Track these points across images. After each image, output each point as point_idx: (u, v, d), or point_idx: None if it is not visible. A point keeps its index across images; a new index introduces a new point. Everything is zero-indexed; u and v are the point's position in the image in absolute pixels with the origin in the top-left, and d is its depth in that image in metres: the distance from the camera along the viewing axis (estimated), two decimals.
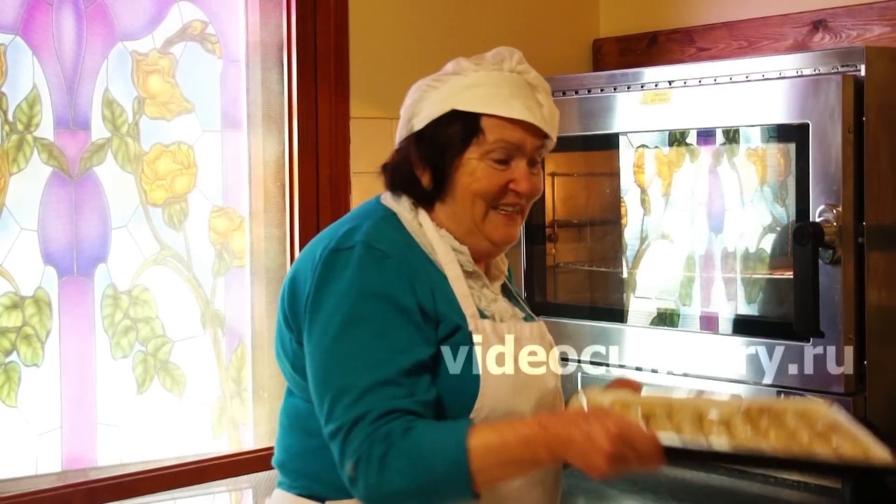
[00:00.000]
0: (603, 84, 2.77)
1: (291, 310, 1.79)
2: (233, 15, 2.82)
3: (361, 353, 1.66)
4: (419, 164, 1.82)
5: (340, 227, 1.80)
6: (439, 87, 1.83)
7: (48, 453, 2.55)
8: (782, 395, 2.36)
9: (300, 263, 1.81)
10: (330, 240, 1.76)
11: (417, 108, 1.83)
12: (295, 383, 1.83)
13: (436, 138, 1.81)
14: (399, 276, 1.71)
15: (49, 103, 2.54)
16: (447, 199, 1.82)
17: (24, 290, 2.52)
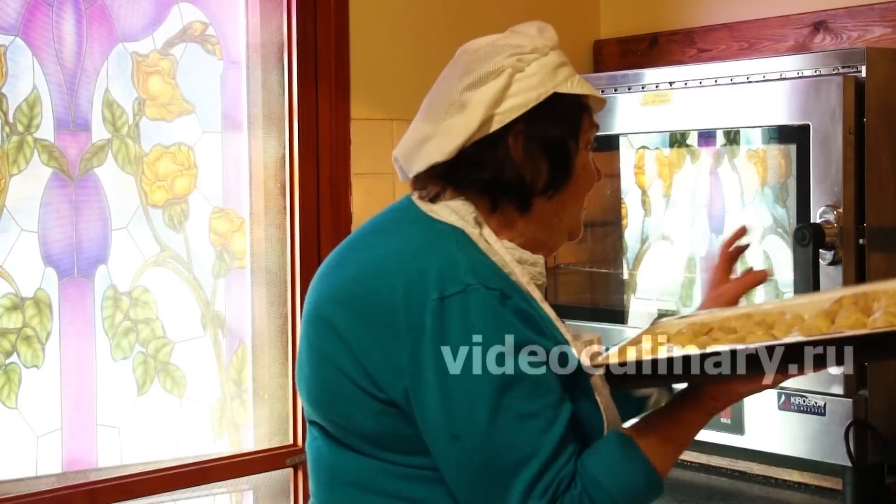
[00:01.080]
0: (603, 85, 2.77)
1: (374, 367, 1.50)
2: (233, 16, 2.82)
3: (526, 422, 1.44)
4: (527, 160, 1.57)
5: (417, 260, 1.51)
6: (527, 69, 1.59)
7: (48, 454, 2.55)
8: (782, 398, 2.36)
9: (367, 308, 1.51)
10: (414, 281, 1.48)
11: (505, 94, 1.57)
12: (364, 443, 1.55)
13: (549, 128, 1.58)
14: (523, 316, 1.50)
15: (49, 104, 2.54)
16: (544, 203, 1.60)
17: (24, 292, 2.52)
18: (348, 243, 1.68)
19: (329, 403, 1.58)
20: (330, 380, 1.56)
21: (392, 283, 1.50)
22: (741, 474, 2.58)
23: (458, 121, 1.56)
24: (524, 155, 1.57)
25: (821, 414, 2.29)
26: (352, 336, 1.52)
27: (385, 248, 1.57)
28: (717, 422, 2.45)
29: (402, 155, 1.64)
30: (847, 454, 2.25)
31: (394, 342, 1.48)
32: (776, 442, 2.38)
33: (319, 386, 1.58)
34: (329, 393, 1.57)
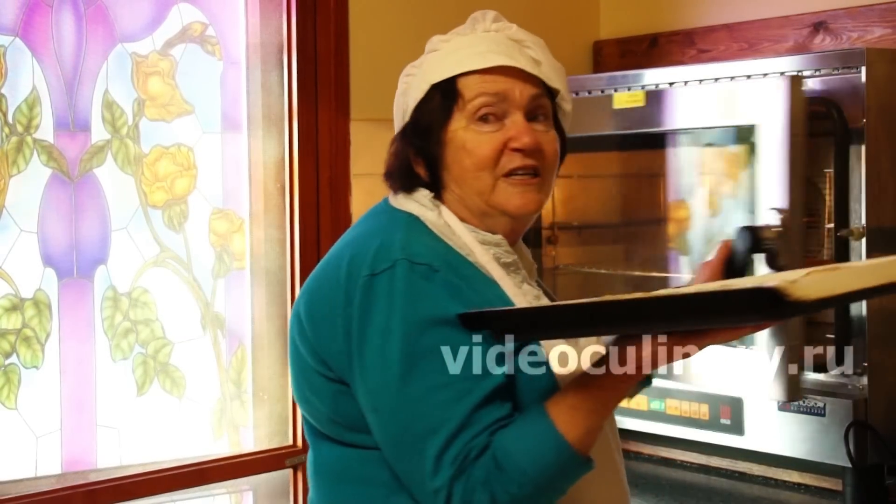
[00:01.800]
0: (603, 86, 2.77)
1: (322, 347, 1.56)
2: (233, 17, 2.82)
3: (435, 393, 1.46)
4: (414, 156, 1.66)
5: (364, 243, 1.57)
6: (417, 72, 1.72)
7: (48, 455, 2.55)
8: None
9: (319, 290, 1.59)
10: (356, 261, 1.54)
11: (404, 100, 1.70)
12: (337, 429, 1.59)
13: (419, 121, 1.66)
14: (453, 290, 1.51)
15: (49, 105, 2.54)
16: (451, 185, 1.64)
17: (23, 292, 2.52)
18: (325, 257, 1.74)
19: (303, 395, 1.62)
20: (300, 370, 1.61)
21: (339, 265, 1.56)
22: (741, 475, 2.58)
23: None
24: (412, 153, 1.66)
25: (821, 415, 2.29)
26: (308, 322, 1.58)
27: (345, 239, 1.65)
28: (716, 422, 2.45)
29: None
30: (847, 455, 2.25)
31: (335, 322, 1.53)
32: (776, 443, 2.38)
33: (296, 380, 1.64)
34: (301, 384, 1.62)
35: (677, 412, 2.53)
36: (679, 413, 2.53)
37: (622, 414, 2.63)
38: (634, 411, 2.60)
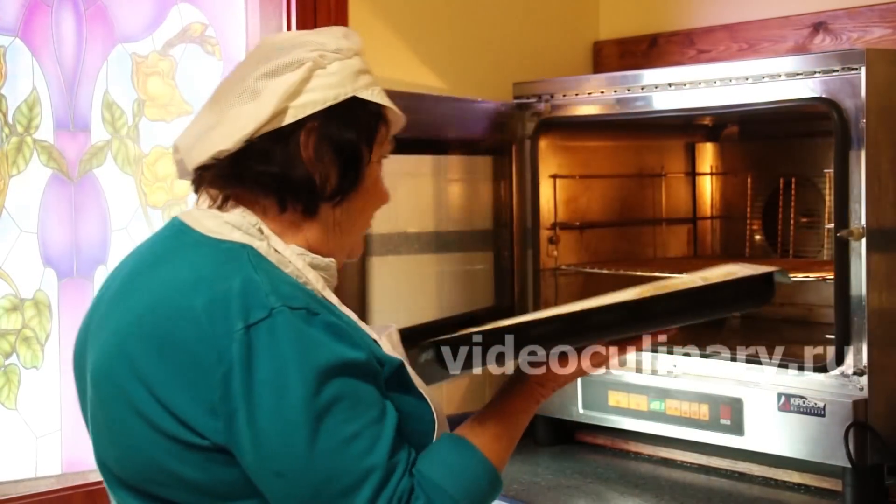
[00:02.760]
0: (603, 86, 2.77)
1: (185, 411, 1.35)
2: (233, 17, 2.82)
3: (348, 446, 1.34)
4: (317, 160, 1.48)
5: (214, 285, 1.38)
6: (328, 67, 1.50)
7: (48, 456, 2.55)
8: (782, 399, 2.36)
9: (170, 341, 1.37)
10: (217, 308, 1.35)
11: (301, 88, 1.47)
12: (198, 498, 1.39)
13: (343, 130, 1.49)
14: (335, 331, 1.38)
15: (49, 105, 2.54)
16: (333, 216, 1.52)
17: (23, 293, 2.52)
18: (124, 280, 1.51)
19: (146, 464, 1.40)
20: (144, 439, 1.39)
21: (191, 316, 1.36)
22: (741, 475, 2.58)
23: (249, 109, 1.46)
24: (314, 154, 1.48)
25: (820, 415, 2.29)
26: (154, 380, 1.37)
27: (175, 279, 1.43)
28: (716, 423, 2.45)
29: (185, 145, 1.52)
30: (847, 455, 2.25)
31: (203, 381, 1.34)
32: (776, 443, 2.38)
33: (132, 448, 1.41)
34: (144, 454, 1.40)
35: (677, 412, 2.53)
36: (679, 413, 2.53)
37: (622, 414, 2.63)
38: (634, 411, 2.61)
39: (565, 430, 2.88)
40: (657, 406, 2.57)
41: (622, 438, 2.81)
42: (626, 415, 2.63)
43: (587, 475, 2.64)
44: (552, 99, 2.85)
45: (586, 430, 2.87)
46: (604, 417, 2.68)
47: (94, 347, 1.48)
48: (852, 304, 2.29)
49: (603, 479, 2.61)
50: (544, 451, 2.82)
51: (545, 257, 2.93)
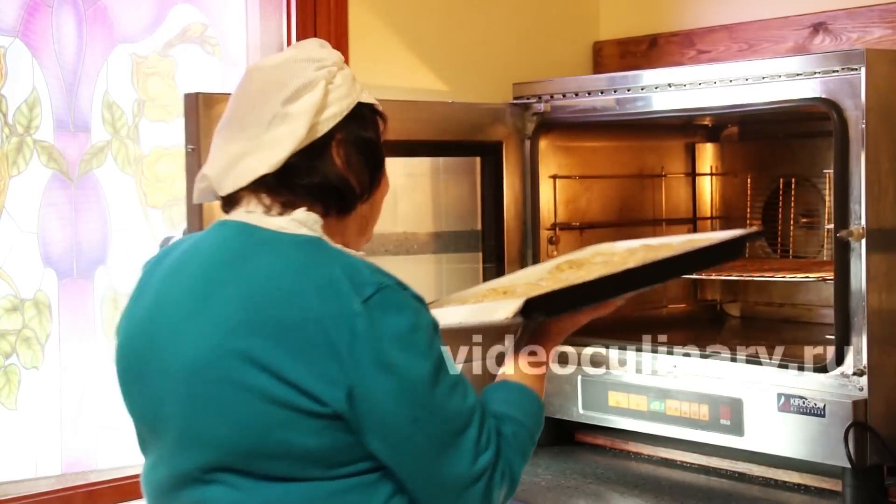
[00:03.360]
0: (603, 86, 2.77)
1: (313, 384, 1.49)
2: (233, 17, 2.82)
3: (455, 390, 1.57)
4: (349, 165, 1.63)
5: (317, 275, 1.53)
6: (335, 80, 1.64)
7: (48, 456, 2.55)
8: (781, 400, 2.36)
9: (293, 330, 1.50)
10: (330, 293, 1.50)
11: (324, 103, 1.62)
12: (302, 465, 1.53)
13: (362, 133, 1.66)
14: (419, 299, 1.59)
15: (49, 106, 2.55)
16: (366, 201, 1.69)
17: (23, 293, 2.52)
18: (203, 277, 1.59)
19: (258, 437, 1.51)
20: (258, 412, 1.50)
21: (301, 300, 1.51)
22: (741, 476, 2.58)
23: (283, 132, 1.59)
24: (346, 160, 1.63)
25: (820, 415, 2.29)
26: (275, 362, 1.49)
27: (273, 269, 1.55)
28: (716, 423, 2.45)
29: (216, 174, 1.63)
30: (846, 456, 2.25)
31: (322, 356, 1.49)
32: (776, 443, 2.38)
33: (242, 424, 1.52)
34: (257, 427, 1.51)
35: (677, 413, 2.53)
36: (679, 414, 2.53)
37: (622, 415, 2.63)
38: (634, 412, 2.61)
39: (565, 431, 2.88)
40: (657, 406, 2.57)
41: (622, 439, 2.81)
42: (626, 415, 2.63)
43: (587, 475, 2.64)
44: (552, 99, 2.85)
45: (586, 431, 2.87)
46: (604, 418, 2.68)
47: (183, 343, 1.56)
48: (852, 305, 2.29)
49: (603, 479, 2.61)
50: (544, 452, 2.82)
51: (545, 257, 2.93)
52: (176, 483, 1.58)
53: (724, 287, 3.26)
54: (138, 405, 1.64)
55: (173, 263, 1.64)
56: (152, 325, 1.61)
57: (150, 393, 1.60)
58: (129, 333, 1.65)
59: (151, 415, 1.61)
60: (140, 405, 1.63)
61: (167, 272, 1.64)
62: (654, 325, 2.92)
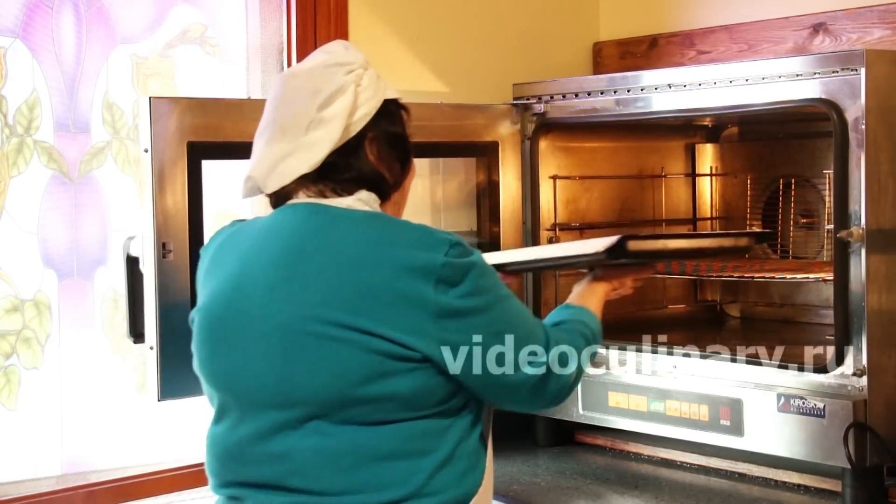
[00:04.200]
0: (603, 87, 2.77)
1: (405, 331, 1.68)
2: (233, 18, 2.82)
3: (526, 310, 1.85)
4: (382, 160, 1.82)
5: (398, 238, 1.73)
6: (362, 83, 1.81)
7: (48, 456, 2.55)
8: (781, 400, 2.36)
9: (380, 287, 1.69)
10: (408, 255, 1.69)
11: (355, 105, 1.79)
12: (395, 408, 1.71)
13: (391, 129, 1.84)
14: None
15: (49, 106, 2.55)
16: (397, 189, 1.87)
17: (23, 293, 2.53)
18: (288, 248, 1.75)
19: (353, 385, 1.68)
20: (353, 361, 1.67)
21: (384, 264, 1.69)
22: (740, 476, 2.58)
23: (320, 135, 1.76)
24: (378, 155, 1.81)
25: (820, 416, 2.29)
26: (366, 320, 1.67)
27: (355, 238, 1.73)
28: (716, 424, 2.46)
29: (260, 174, 1.80)
30: (846, 456, 2.25)
31: (412, 310, 1.68)
32: (775, 444, 2.38)
33: (337, 373, 1.68)
34: (352, 375, 1.68)
35: (677, 413, 2.53)
36: (679, 414, 2.53)
37: (622, 415, 2.63)
38: (634, 412, 2.61)
39: (565, 431, 2.88)
40: (657, 407, 2.57)
41: (622, 439, 2.81)
42: (626, 415, 2.63)
43: (587, 476, 2.64)
44: (552, 100, 2.85)
45: (586, 431, 2.87)
46: (604, 418, 2.68)
47: (276, 306, 1.71)
48: (852, 305, 2.29)
49: (603, 479, 2.61)
50: (544, 452, 2.82)
51: None
52: (262, 435, 1.72)
53: (724, 287, 3.27)
54: (222, 370, 1.76)
55: (252, 240, 1.80)
56: (239, 294, 1.75)
57: (236, 357, 1.74)
58: (209, 305, 1.79)
59: (238, 377, 1.74)
60: (224, 370, 1.76)
61: (248, 248, 1.79)
62: (654, 325, 2.93)
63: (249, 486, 1.74)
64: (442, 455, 1.73)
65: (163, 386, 2.29)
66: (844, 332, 2.30)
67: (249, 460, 1.73)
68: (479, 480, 1.78)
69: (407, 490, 1.69)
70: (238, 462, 1.75)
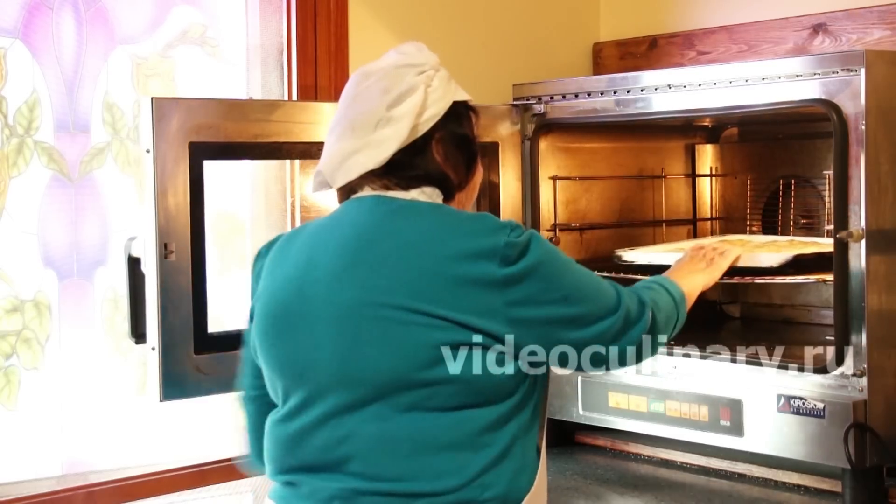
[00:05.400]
0: (603, 87, 2.77)
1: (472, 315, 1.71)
2: (233, 18, 2.82)
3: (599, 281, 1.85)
4: (448, 160, 1.83)
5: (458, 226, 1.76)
6: (433, 84, 1.84)
7: (48, 456, 2.55)
8: (781, 401, 2.36)
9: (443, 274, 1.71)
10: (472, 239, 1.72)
11: (424, 106, 1.82)
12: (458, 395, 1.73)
13: (458, 130, 1.85)
14: None
15: (49, 107, 2.55)
16: (463, 189, 1.88)
17: (23, 294, 2.52)
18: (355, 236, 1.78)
19: (418, 368, 1.70)
20: (419, 343, 1.70)
21: (450, 250, 1.71)
22: (740, 476, 2.58)
23: (389, 132, 1.79)
24: (444, 156, 1.82)
25: (820, 416, 2.30)
26: (436, 304, 1.69)
27: (420, 227, 1.76)
28: (716, 424, 2.46)
29: (329, 169, 1.83)
30: (846, 457, 2.25)
31: (482, 290, 1.69)
32: (775, 444, 2.38)
33: (402, 355, 1.70)
34: (417, 357, 1.70)
35: (677, 414, 2.54)
36: (679, 415, 2.53)
37: (622, 416, 2.63)
38: (634, 413, 2.61)
39: (565, 432, 2.88)
40: (657, 407, 2.57)
41: (622, 440, 2.81)
42: (626, 416, 2.63)
43: (587, 476, 2.64)
44: (552, 100, 2.85)
45: (586, 432, 2.87)
46: (604, 419, 2.68)
47: (341, 292, 1.74)
48: (852, 306, 2.29)
49: (603, 480, 2.62)
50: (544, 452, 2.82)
51: None
52: (325, 418, 1.74)
53: (724, 288, 3.26)
54: (287, 355, 1.78)
55: (317, 231, 1.84)
56: (304, 282, 1.78)
57: (303, 341, 1.76)
58: (275, 293, 1.81)
59: (303, 361, 1.76)
60: (289, 355, 1.78)
61: (314, 238, 1.82)
62: None
63: (307, 472, 1.77)
64: (497, 450, 1.73)
65: (165, 387, 2.28)
66: (844, 332, 2.30)
67: (310, 445, 1.75)
68: (532, 480, 1.79)
69: (460, 481, 1.71)
70: (299, 447, 1.77)
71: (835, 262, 2.32)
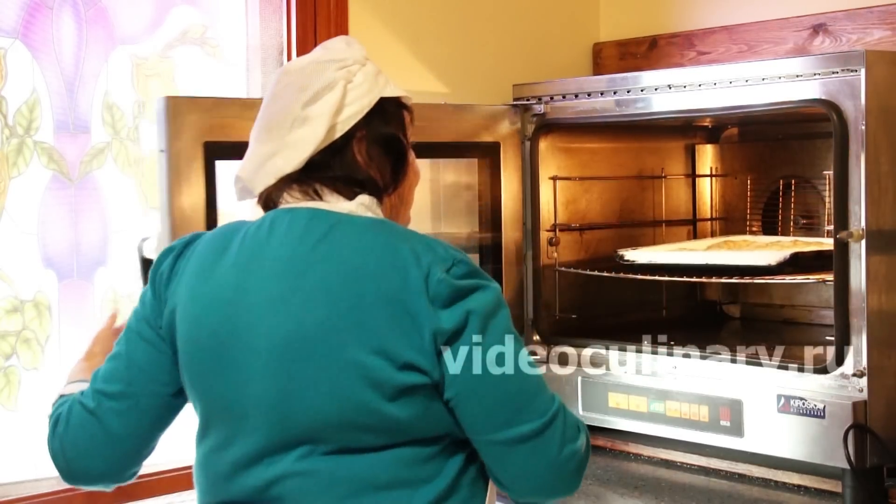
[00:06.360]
0: (603, 88, 2.77)
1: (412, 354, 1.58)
2: (233, 19, 2.82)
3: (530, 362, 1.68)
4: (372, 161, 1.71)
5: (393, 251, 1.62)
6: (354, 80, 1.71)
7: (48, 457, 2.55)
8: (781, 401, 2.36)
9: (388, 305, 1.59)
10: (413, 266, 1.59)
11: (342, 103, 1.69)
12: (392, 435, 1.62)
13: (384, 129, 1.72)
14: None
15: (49, 107, 2.55)
16: (391, 195, 1.76)
17: (23, 294, 2.52)
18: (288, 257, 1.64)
19: (354, 409, 1.59)
20: (356, 385, 1.59)
21: (389, 278, 1.60)
22: (740, 477, 2.58)
23: (304, 133, 1.68)
24: (368, 157, 1.71)
25: (820, 417, 2.30)
26: (371, 337, 1.58)
27: (360, 246, 1.64)
28: (716, 424, 2.46)
29: (248, 174, 1.72)
30: (846, 457, 2.25)
31: (414, 327, 1.58)
32: (775, 444, 2.38)
33: (339, 396, 1.59)
34: (354, 399, 1.59)
35: (677, 414, 2.53)
36: (679, 415, 2.53)
37: (622, 416, 2.63)
38: (634, 413, 2.61)
39: None
40: (657, 407, 2.57)
41: (622, 440, 2.81)
42: (626, 416, 2.63)
43: (587, 476, 2.62)
44: (552, 101, 2.85)
45: None
46: (603, 419, 2.68)
47: (276, 322, 1.62)
48: (852, 306, 2.29)
49: (602, 480, 2.61)
50: None
51: (545, 258, 2.94)
52: (255, 458, 1.64)
53: (725, 288, 3.27)
54: (214, 388, 1.67)
55: (249, 248, 1.68)
56: (235, 309, 1.64)
57: (233, 374, 1.64)
58: (200, 316, 1.67)
59: (232, 396, 1.65)
60: (217, 387, 1.67)
61: (244, 256, 1.67)
62: (655, 325, 2.92)
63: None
64: (443, 484, 1.63)
65: None
66: (844, 332, 2.30)
67: (242, 483, 1.66)
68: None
69: None
70: (231, 483, 1.68)
71: (835, 262, 2.32)
